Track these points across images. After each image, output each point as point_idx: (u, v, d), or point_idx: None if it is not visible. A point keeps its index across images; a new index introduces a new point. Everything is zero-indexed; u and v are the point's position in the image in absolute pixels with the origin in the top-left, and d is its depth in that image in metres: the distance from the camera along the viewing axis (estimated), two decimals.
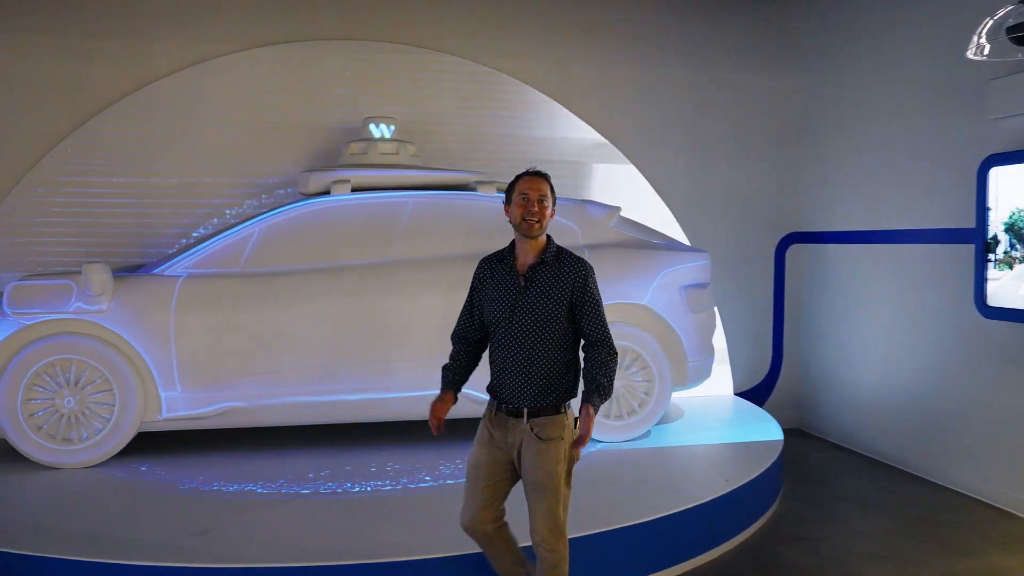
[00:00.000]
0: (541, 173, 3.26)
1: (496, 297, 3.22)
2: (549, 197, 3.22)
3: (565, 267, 3.19)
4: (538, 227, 3.17)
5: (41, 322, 5.15)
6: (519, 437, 3.19)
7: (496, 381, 3.25)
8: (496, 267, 3.27)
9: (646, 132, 7.58)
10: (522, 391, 3.16)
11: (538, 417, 3.16)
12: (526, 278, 3.18)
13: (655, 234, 6.38)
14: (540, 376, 3.14)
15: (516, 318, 3.15)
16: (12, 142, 6.48)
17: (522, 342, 3.14)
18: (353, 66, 6.94)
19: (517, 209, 3.17)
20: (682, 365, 6.02)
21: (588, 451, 5.62)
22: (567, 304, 3.15)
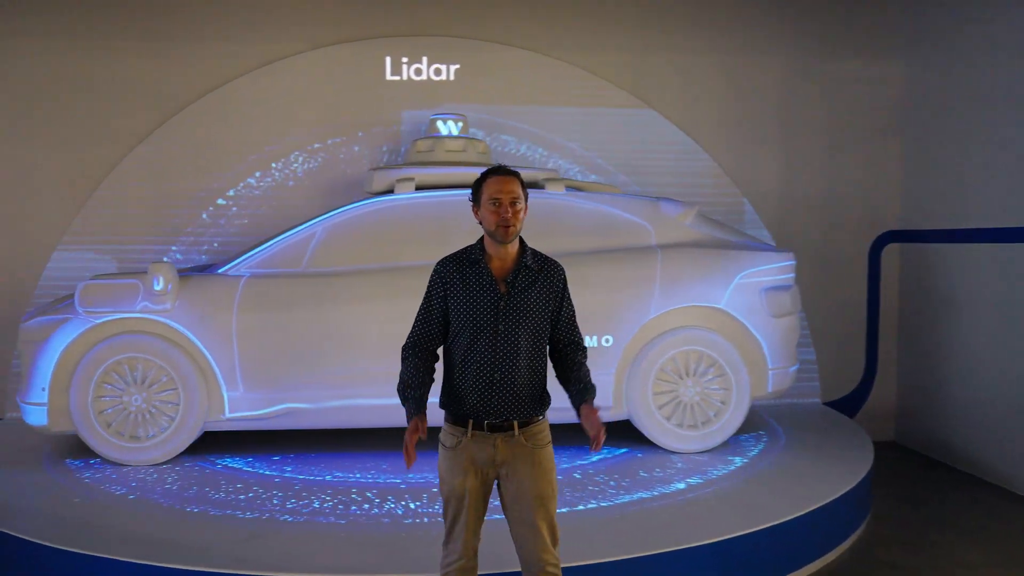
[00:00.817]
0: (510, 171, 3.01)
1: (472, 304, 2.95)
2: (521, 198, 2.94)
3: (545, 271, 3.00)
4: (513, 232, 2.91)
5: (109, 321, 5.22)
6: (509, 453, 2.95)
7: (473, 396, 2.95)
8: (466, 271, 2.99)
9: (729, 126, 7.20)
10: (511, 403, 2.93)
11: (528, 427, 2.96)
12: (508, 284, 2.96)
13: (735, 233, 6.02)
14: (530, 385, 2.95)
15: (502, 327, 2.92)
16: (97, 144, 6.67)
17: (509, 351, 2.92)
18: (424, 63, 6.83)
19: (489, 215, 2.93)
20: (762, 372, 5.65)
21: (650, 460, 5.34)
22: (550, 310, 2.99)
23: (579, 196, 5.75)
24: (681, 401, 5.53)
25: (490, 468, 2.97)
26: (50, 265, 6.64)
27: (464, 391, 2.95)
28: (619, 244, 5.64)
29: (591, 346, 5.41)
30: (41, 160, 6.64)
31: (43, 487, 4.87)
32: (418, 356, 3.00)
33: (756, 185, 7.22)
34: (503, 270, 2.97)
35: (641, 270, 5.49)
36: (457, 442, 2.96)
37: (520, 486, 2.95)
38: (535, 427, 2.98)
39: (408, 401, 2.94)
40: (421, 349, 3.01)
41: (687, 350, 5.50)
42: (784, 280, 5.75)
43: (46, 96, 6.63)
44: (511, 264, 2.98)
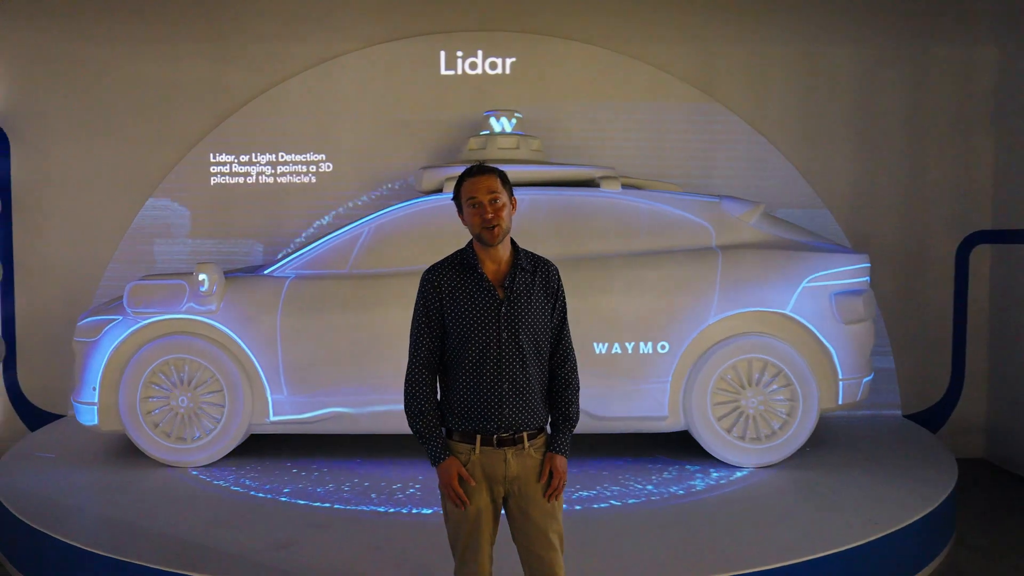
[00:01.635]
0: (488, 168, 2.81)
1: (472, 313, 2.76)
2: (502, 193, 2.77)
3: (540, 272, 2.86)
4: (499, 232, 2.74)
5: (157, 321, 5.21)
6: (520, 467, 2.78)
7: (481, 410, 2.76)
8: (460, 278, 2.80)
9: (801, 120, 6.78)
10: (521, 414, 2.77)
11: (536, 438, 2.82)
12: (506, 288, 2.77)
13: (804, 233, 5.63)
14: (537, 393, 2.81)
15: (505, 334, 2.74)
16: (157, 145, 6.73)
17: (515, 360, 2.75)
18: (480, 58, 6.66)
19: (472, 218, 2.75)
20: (831, 383, 5.26)
21: (709, 473, 5.02)
22: (550, 311, 2.84)
23: (635, 195, 5.47)
24: (743, 412, 5.19)
25: (500, 485, 2.80)
26: (111, 265, 6.73)
27: (470, 406, 2.77)
28: (677, 245, 5.34)
29: (645, 352, 5.14)
30: (104, 162, 6.74)
31: (89, 487, 4.89)
32: (428, 384, 2.82)
33: (831, 183, 6.78)
34: (498, 274, 2.81)
35: (699, 272, 5.18)
36: (466, 460, 2.78)
37: (531, 500, 2.80)
38: (542, 438, 2.85)
39: (431, 441, 2.78)
40: (429, 372, 2.82)
41: (749, 358, 5.16)
42: (857, 284, 5.35)
43: (110, 100, 6.73)
44: (506, 267, 2.81)
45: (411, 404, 2.79)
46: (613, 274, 5.20)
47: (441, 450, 2.77)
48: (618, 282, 5.18)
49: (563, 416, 2.88)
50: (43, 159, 6.75)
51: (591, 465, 5.26)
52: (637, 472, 5.15)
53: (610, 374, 5.13)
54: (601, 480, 4.98)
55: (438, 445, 2.78)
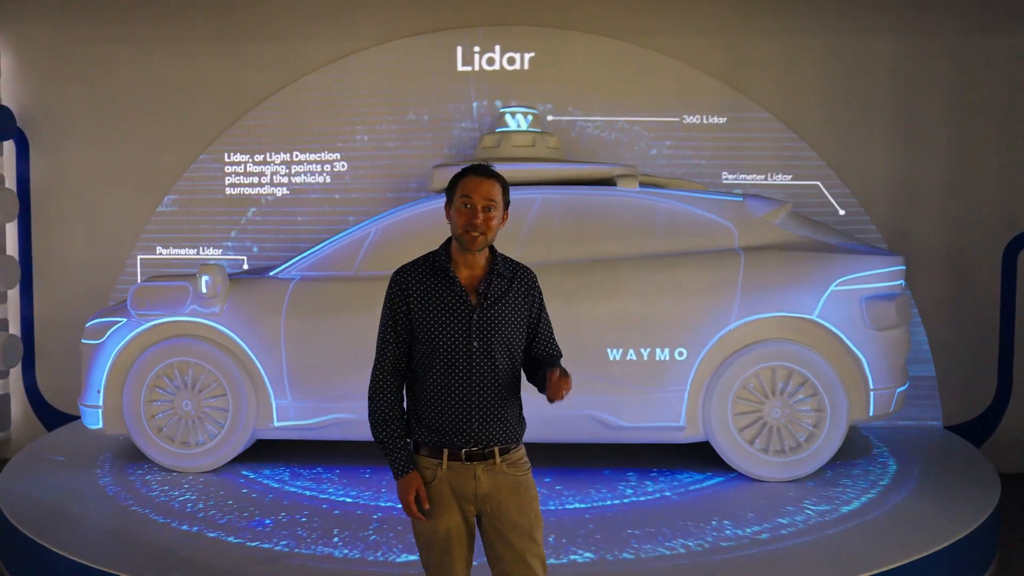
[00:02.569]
0: (492, 172, 2.62)
1: (441, 319, 2.57)
2: (498, 204, 2.59)
3: (518, 279, 2.68)
4: (482, 241, 2.56)
5: (161, 323, 5.12)
6: (491, 484, 2.59)
7: (449, 423, 2.57)
8: (430, 281, 2.61)
9: (835, 115, 6.44)
10: (491, 428, 2.59)
11: (509, 453, 2.64)
12: (480, 294, 2.59)
13: (835, 234, 5.33)
14: (509, 407, 2.64)
15: (476, 343, 2.56)
16: (173, 144, 6.67)
17: (487, 371, 2.57)
18: (497, 53, 6.46)
19: (459, 217, 2.57)
20: (862, 393, 4.95)
21: (731, 492, 4.74)
22: (526, 321, 2.68)
23: (653, 194, 5.22)
24: (766, 423, 4.91)
25: (471, 504, 2.60)
26: (128, 267, 6.69)
27: (437, 418, 2.58)
28: (697, 246, 5.08)
29: (661, 359, 4.88)
30: (120, 162, 6.70)
31: (89, 492, 4.80)
32: (393, 391, 2.63)
33: (867, 181, 6.43)
34: (473, 279, 2.62)
35: (719, 275, 4.91)
36: (432, 476, 2.59)
37: (506, 520, 2.60)
38: (516, 453, 2.67)
39: (394, 453, 2.60)
40: (395, 381, 2.64)
41: (773, 366, 4.88)
42: (890, 288, 5.02)
43: (126, 100, 6.68)
44: (481, 272, 2.63)
45: (374, 412, 2.62)
46: (628, 276, 4.96)
47: (404, 463, 2.59)
48: (633, 285, 4.94)
49: (551, 359, 2.75)
50: (61, 160, 6.74)
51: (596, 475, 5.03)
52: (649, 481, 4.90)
53: (624, 381, 4.89)
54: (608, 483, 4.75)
55: (401, 458, 2.59)
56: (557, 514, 4.41)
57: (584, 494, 4.73)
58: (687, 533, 4.14)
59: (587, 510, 4.49)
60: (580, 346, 4.88)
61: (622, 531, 4.17)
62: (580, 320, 4.89)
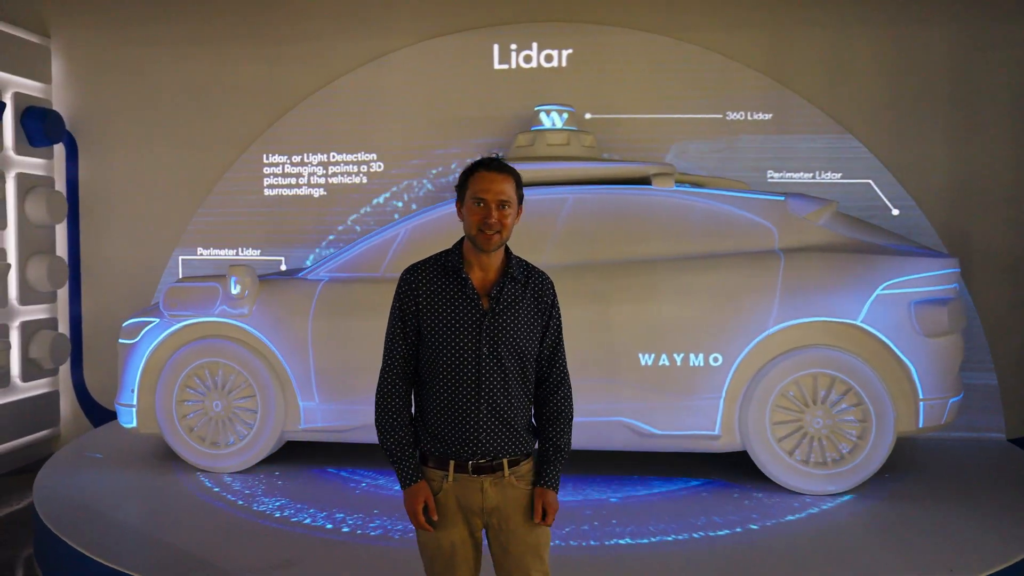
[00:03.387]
0: (504, 166, 2.48)
1: (451, 322, 2.44)
2: (513, 200, 2.47)
3: (532, 284, 2.55)
4: (497, 240, 2.44)
5: (192, 324, 5.14)
6: (499, 498, 2.47)
7: (456, 432, 2.45)
8: (441, 281, 2.49)
9: (887, 110, 6.14)
10: (499, 439, 2.46)
11: (518, 465, 2.51)
12: (492, 298, 2.46)
13: (884, 234, 5.05)
14: (519, 417, 2.50)
15: (486, 348, 2.43)
16: (212, 147, 6.73)
17: (496, 378, 2.44)
18: (534, 51, 6.34)
19: (471, 216, 2.44)
20: (910, 403, 4.67)
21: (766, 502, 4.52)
22: (539, 328, 2.54)
23: (689, 194, 5.03)
24: (807, 433, 4.67)
25: (477, 517, 2.49)
26: (169, 267, 6.78)
27: (444, 427, 2.46)
28: (735, 248, 4.87)
29: (695, 364, 4.69)
30: (163, 164, 6.80)
31: (120, 492, 4.85)
32: (401, 396, 2.52)
33: (923, 179, 6.11)
34: (485, 281, 2.50)
35: (757, 278, 4.70)
36: (438, 488, 2.49)
37: (514, 536, 2.48)
38: (526, 465, 2.53)
39: (401, 461, 2.49)
40: (403, 385, 2.52)
41: (814, 373, 4.64)
42: (942, 291, 4.73)
43: (168, 102, 6.78)
44: (495, 275, 2.51)
45: (381, 417, 2.51)
46: (662, 279, 4.78)
47: (412, 472, 2.48)
48: (667, 287, 4.76)
49: (554, 447, 2.55)
50: (107, 162, 6.87)
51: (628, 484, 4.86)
52: (681, 500, 4.71)
53: (656, 387, 4.72)
54: (638, 509, 4.58)
55: (409, 466, 2.49)
56: None
57: None
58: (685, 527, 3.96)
59: None
60: (611, 350, 4.73)
61: None
62: (611, 323, 4.74)
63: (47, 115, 6.50)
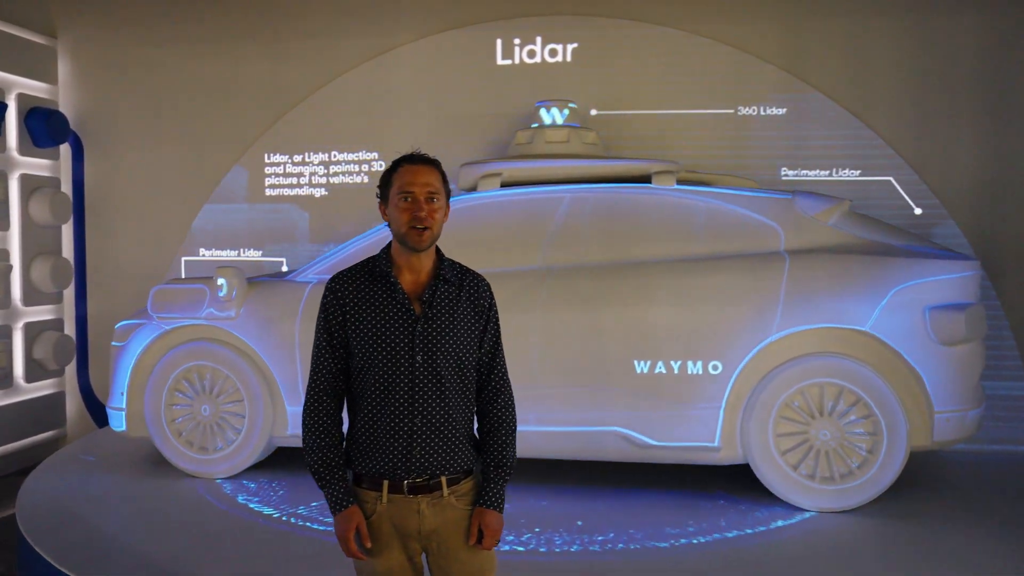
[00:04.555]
0: (427, 159, 2.35)
1: (380, 331, 2.27)
2: (441, 193, 2.32)
3: (468, 286, 2.38)
4: (429, 237, 2.29)
5: (180, 327, 5.05)
6: (438, 520, 2.30)
7: (388, 449, 2.27)
8: (368, 288, 2.32)
9: (911, 105, 5.83)
10: (436, 455, 2.28)
11: (458, 484, 2.34)
12: (425, 302, 2.29)
13: (901, 235, 4.75)
14: (459, 431, 2.32)
15: (420, 357, 2.26)
16: (215, 147, 6.67)
17: (432, 389, 2.27)
18: (538, 45, 6.15)
19: (400, 213, 2.29)
20: (924, 415, 4.38)
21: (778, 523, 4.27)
22: (477, 333, 2.36)
23: (690, 192, 4.79)
24: (813, 446, 4.41)
25: (415, 541, 2.31)
26: (172, 268, 6.72)
27: (376, 444, 2.29)
28: (737, 249, 4.62)
29: (693, 372, 4.45)
30: (167, 164, 6.75)
31: (105, 497, 4.76)
32: (329, 414, 2.34)
33: (949, 177, 5.78)
34: (416, 285, 2.33)
35: (760, 281, 4.45)
36: (372, 510, 2.31)
37: (455, 560, 2.32)
38: (468, 483, 2.36)
39: (331, 485, 2.31)
40: (331, 402, 2.35)
41: (820, 382, 4.38)
42: (959, 296, 4.42)
43: (172, 101, 6.73)
44: (426, 277, 2.34)
45: (308, 438, 2.34)
46: (658, 282, 4.55)
47: (342, 496, 2.31)
48: (664, 291, 4.53)
49: (495, 463, 2.37)
50: (112, 162, 6.84)
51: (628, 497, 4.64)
52: (676, 509, 4.48)
53: (652, 396, 4.50)
54: (630, 515, 4.36)
55: (338, 490, 2.31)
56: None
57: None
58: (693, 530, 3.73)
59: None
60: (604, 356, 4.53)
61: None
62: (605, 328, 4.53)
63: (51, 116, 6.48)
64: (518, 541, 4.02)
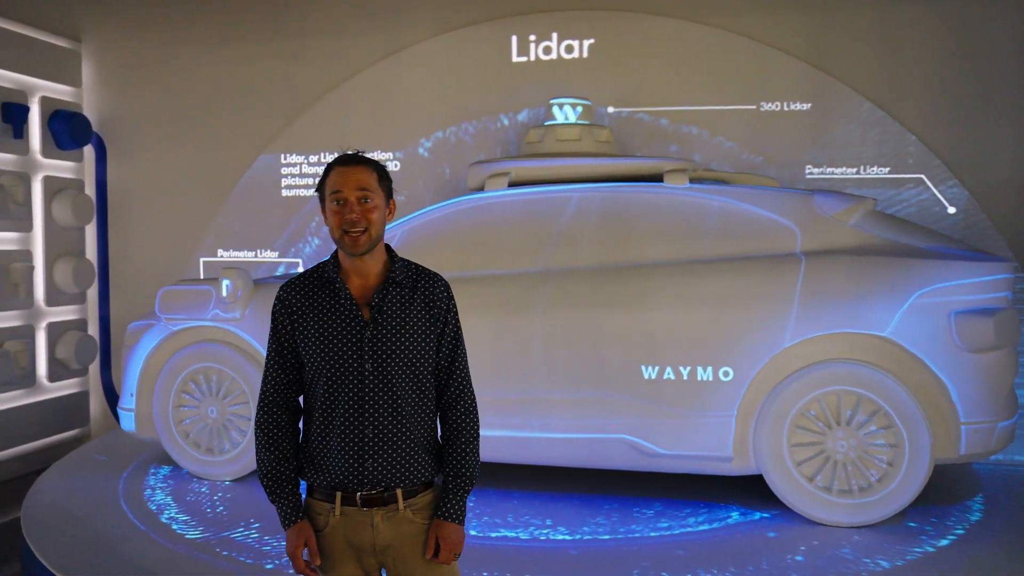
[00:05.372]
0: (360, 158, 2.23)
1: (328, 338, 2.19)
2: (377, 192, 2.21)
3: (422, 287, 2.26)
4: (365, 240, 2.19)
5: (186, 328, 5.03)
6: (393, 534, 2.20)
7: (340, 460, 2.18)
8: (316, 295, 2.24)
9: (946, 100, 5.53)
10: (389, 467, 2.18)
11: (416, 496, 2.24)
12: (373, 307, 2.20)
13: (928, 236, 4.50)
14: (416, 440, 2.22)
15: (369, 365, 2.17)
16: (236, 146, 6.65)
17: (383, 398, 2.18)
18: (554, 41, 6.00)
19: (332, 217, 2.20)
20: (949, 426, 4.13)
21: (785, 537, 4.07)
22: (433, 337, 2.25)
23: (703, 191, 4.61)
24: (830, 457, 4.19)
25: (370, 556, 2.22)
26: (191, 269, 6.74)
27: (327, 455, 2.20)
28: (751, 250, 4.42)
29: (703, 379, 4.27)
30: (186, 165, 6.76)
31: (106, 499, 4.75)
32: (280, 427, 2.26)
33: (986, 174, 5.47)
34: (365, 289, 2.24)
35: (773, 284, 4.25)
36: (324, 523, 2.22)
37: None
38: (427, 496, 2.27)
39: (281, 498, 2.23)
40: (282, 414, 2.27)
41: (838, 391, 4.16)
42: (989, 300, 4.16)
43: (191, 102, 6.73)
44: (375, 281, 2.24)
45: (258, 451, 2.28)
46: (666, 285, 4.38)
47: (291, 511, 2.22)
48: (672, 294, 4.36)
49: (455, 473, 2.26)
50: (133, 163, 6.88)
51: None
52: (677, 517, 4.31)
53: (660, 403, 4.33)
54: None
55: (288, 504, 2.23)
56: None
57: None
58: None
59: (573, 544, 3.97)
60: (610, 361, 4.37)
61: None
62: (612, 332, 4.37)
63: (73, 118, 6.54)
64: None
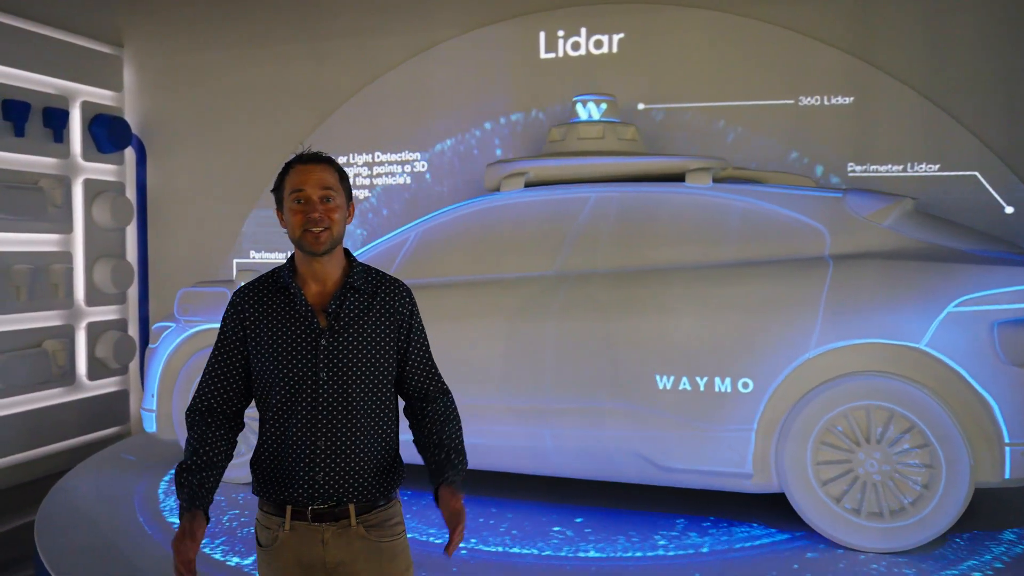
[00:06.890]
0: (320, 157, 2.16)
1: (281, 345, 2.09)
2: (338, 192, 2.14)
3: (381, 293, 2.18)
4: (327, 239, 2.10)
5: (202, 330, 5.02)
6: (344, 552, 2.08)
7: (291, 473, 2.07)
8: (270, 300, 2.14)
9: (997, 91, 5.14)
10: (342, 480, 2.09)
11: (371, 513, 2.13)
12: (331, 314, 2.11)
13: (973, 239, 4.16)
14: (371, 453, 2.12)
15: (324, 374, 2.07)
16: (268, 146, 6.67)
17: (338, 408, 2.08)
18: (583, 36, 5.81)
19: (293, 217, 2.11)
20: (992, 446, 3.79)
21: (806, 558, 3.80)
22: (394, 346, 2.17)
23: (727, 191, 4.36)
24: (858, 477, 3.90)
25: (321, 573, 2.10)
26: (224, 270, 6.78)
27: (279, 467, 2.10)
28: (776, 254, 4.16)
29: (721, 390, 4.03)
30: (221, 167, 6.82)
31: (125, 500, 4.79)
32: (205, 424, 2.16)
33: None
34: (322, 295, 2.14)
35: (797, 289, 3.98)
36: (273, 538, 2.12)
37: None
38: (382, 512, 2.15)
39: (182, 488, 2.11)
40: (211, 418, 2.17)
41: (867, 405, 3.86)
42: None
43: (226, 105, 6.79)
44: (333, 287, 2.14)
45: (185, 454, 2.17)
46: (684, 290, 4.15)
47: (183, 509, 2.08)
48: (689, 300, 4.13)
49: (454, 450, 2.19)
50: (172, 166, 6.98)
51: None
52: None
53: (676, 415, 4.10)
54: None
55: (183, 501, 2.08)
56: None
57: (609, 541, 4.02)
58: None
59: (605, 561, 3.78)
60: (624, 370, 4.17)
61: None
62: (624, 340, 4.17)
63: (112, 122, 6.65)
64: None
